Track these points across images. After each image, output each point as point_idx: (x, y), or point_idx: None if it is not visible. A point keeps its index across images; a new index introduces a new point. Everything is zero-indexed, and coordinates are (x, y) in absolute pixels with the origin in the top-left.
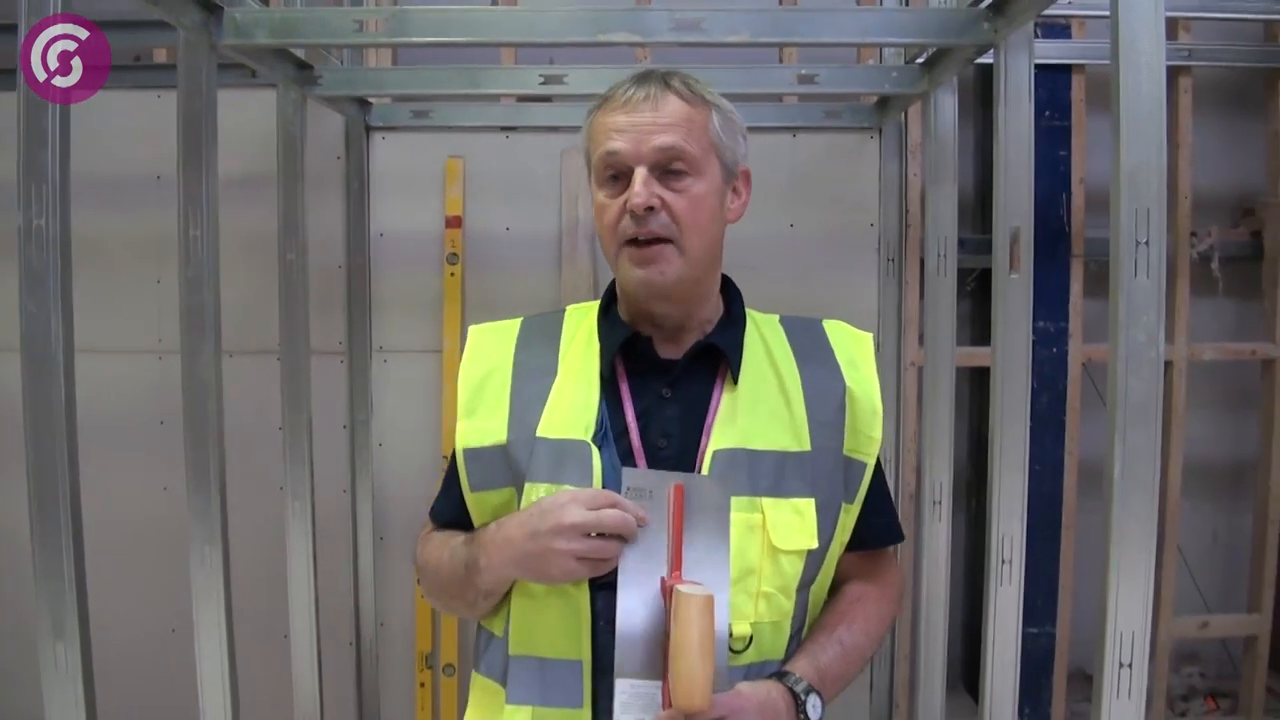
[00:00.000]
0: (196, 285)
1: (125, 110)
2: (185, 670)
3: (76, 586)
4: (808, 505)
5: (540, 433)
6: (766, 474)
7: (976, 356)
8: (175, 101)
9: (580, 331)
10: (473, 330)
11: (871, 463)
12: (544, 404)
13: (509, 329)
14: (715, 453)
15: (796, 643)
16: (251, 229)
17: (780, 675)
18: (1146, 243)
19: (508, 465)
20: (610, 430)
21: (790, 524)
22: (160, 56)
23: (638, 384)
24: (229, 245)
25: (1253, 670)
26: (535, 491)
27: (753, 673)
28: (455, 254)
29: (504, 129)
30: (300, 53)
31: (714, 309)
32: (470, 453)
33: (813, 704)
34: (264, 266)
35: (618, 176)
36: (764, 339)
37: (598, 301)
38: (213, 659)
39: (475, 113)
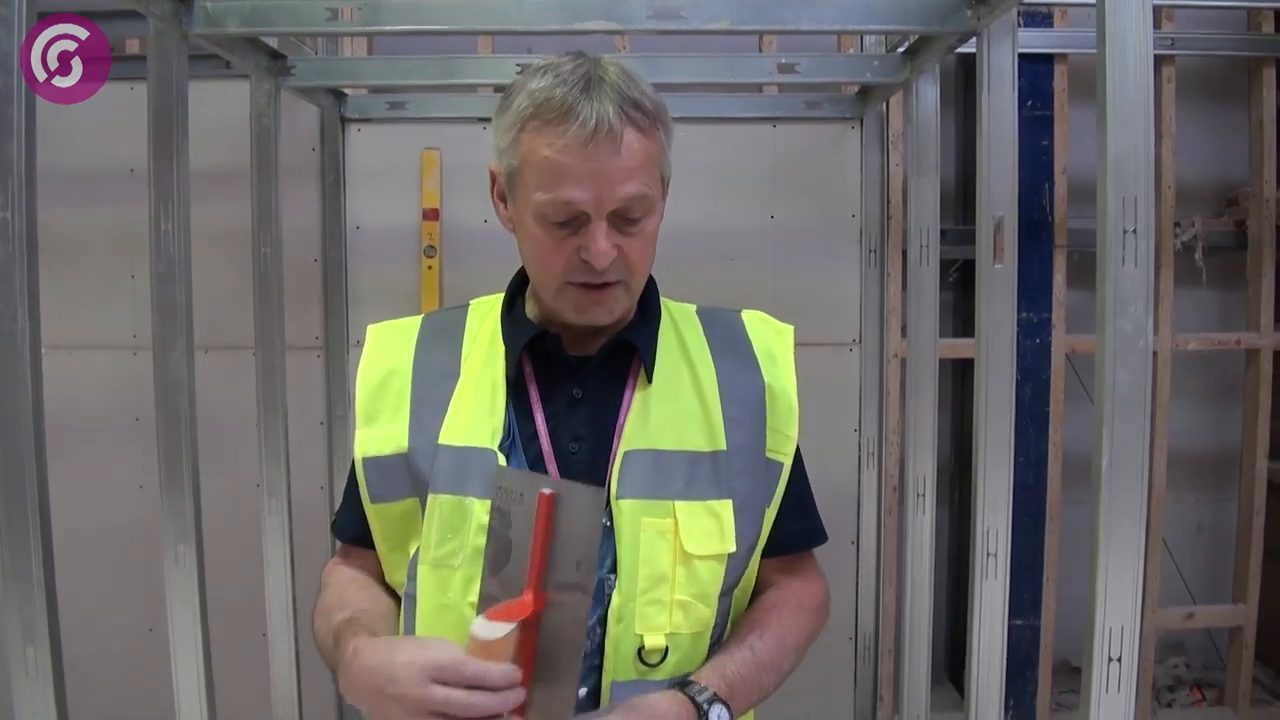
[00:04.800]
0: (168, 279)
1: (97, 102)
2: (164, 670)
3: (46, 589)
4: (724, 507)
5: (442, 440)
6: (679, 476)
7: (960, 348)
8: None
9: (484, 329)
10: (371, 329)
11: (789, 463)
12: (446, 409)
13: (409, 327)
14: (626, 454)
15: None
16: (226, 223)
17: (683, 684)
18: (1134, 231)
19: (409, 475)
20: (518, 435)
21: (705, 528)
22: (133, 47)
23: (546, 385)
24: (203, 239)
25: (1238, 660)
26: (439, 503)
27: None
28: (433, 247)
29: (481, 120)
30: (273, 42)
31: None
32: (370, 462)
33: (717, 714)
34: (238, 261)
35: (569, 222)
36: (679, 333)
37: (502, 295)
38: (188, 659)
39: (452, 104)
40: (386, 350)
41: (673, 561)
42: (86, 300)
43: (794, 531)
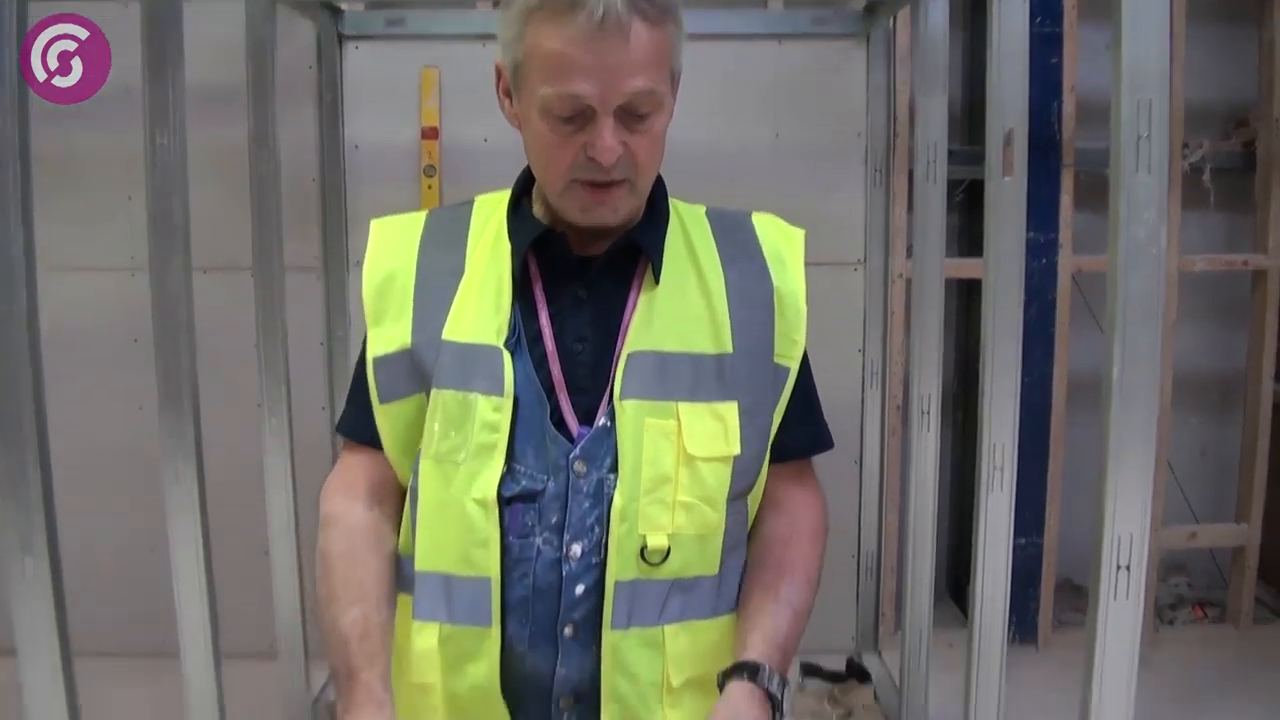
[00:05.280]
0: (164, 194)
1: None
2: (168, 589)
3: (44, 499)
4: (728, 410)
5: (447, 335)
6: (683, 378)
7: (965, 268)
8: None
9: (489, 227)
10: (374, 224)
11: (795, 367)
12: (450, 305)
13: (413, 223)
14: (630, 355)
15: (736, 558)
16: (223, 143)
17: (751, 672)
18: (1148, 137)
19: (414, 370)
20: (524, 334)
21: (709, 430)
22: None
23: (552, 284)
24: (200, 160)
25: (1240, 580)
26: (442, 399)
27: (679, 587)
28: (432, 166)
29: (480, 37)
30: None
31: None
32: (380, 361)
33: (786, 696)
34: (236, 181)
35: (574, 117)
36: (687, 235)
37: (508, 192)
38: (189, 576)
39: (451, 21)
40: (390, 248)
41: (675, 463)
42: (83, 222)
43: (799, 436)
